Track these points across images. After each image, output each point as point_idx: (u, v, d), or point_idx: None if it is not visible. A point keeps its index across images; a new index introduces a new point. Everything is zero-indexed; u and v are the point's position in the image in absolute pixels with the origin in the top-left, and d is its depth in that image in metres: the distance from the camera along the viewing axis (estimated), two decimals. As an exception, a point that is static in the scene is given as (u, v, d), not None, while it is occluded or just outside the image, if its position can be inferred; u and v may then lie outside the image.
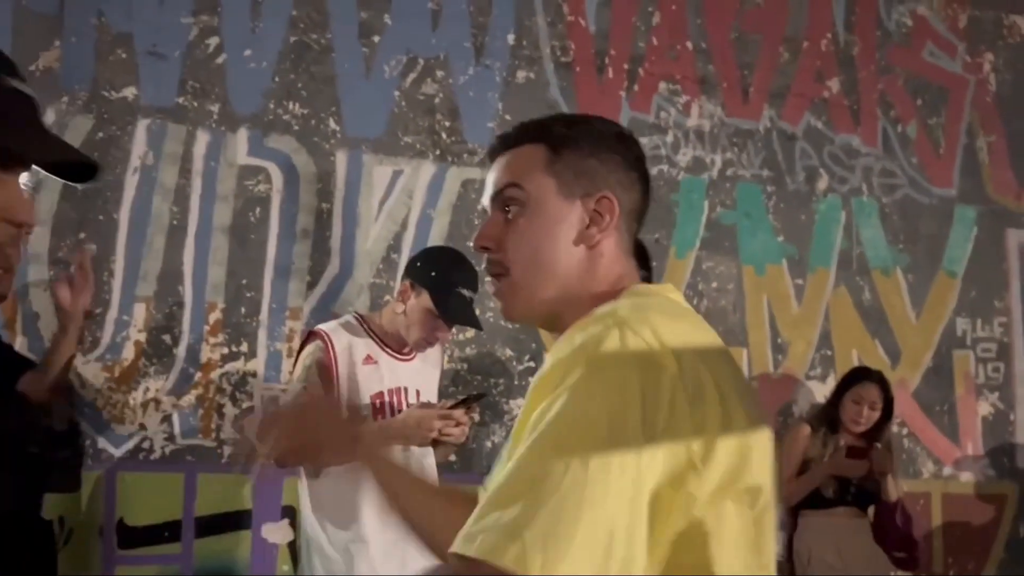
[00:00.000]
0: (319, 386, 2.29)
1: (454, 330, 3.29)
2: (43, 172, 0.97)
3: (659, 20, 3.71)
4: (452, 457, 3.30)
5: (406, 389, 2.44)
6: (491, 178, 1.04)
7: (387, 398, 2.40)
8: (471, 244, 1.24)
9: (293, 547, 3.08)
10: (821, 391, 3.66)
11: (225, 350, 3.15)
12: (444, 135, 3.43)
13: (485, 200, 1.06)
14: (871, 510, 3.40)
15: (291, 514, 3.09)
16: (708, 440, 0.82)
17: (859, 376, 3.40)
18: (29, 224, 0.94)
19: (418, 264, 2.42)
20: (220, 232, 3.19)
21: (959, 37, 4.05)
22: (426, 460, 2.42)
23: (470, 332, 3.31)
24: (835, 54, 3.89)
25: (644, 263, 2.04)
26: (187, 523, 3.04)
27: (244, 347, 3.17)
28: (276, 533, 3.10)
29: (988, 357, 3.89)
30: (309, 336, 2.43)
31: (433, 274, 2.36)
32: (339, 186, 3.31)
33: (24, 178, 0.93)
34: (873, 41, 3.94)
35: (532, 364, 3.39)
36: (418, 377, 2.49)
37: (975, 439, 3.83)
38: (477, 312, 2.46)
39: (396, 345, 2.44)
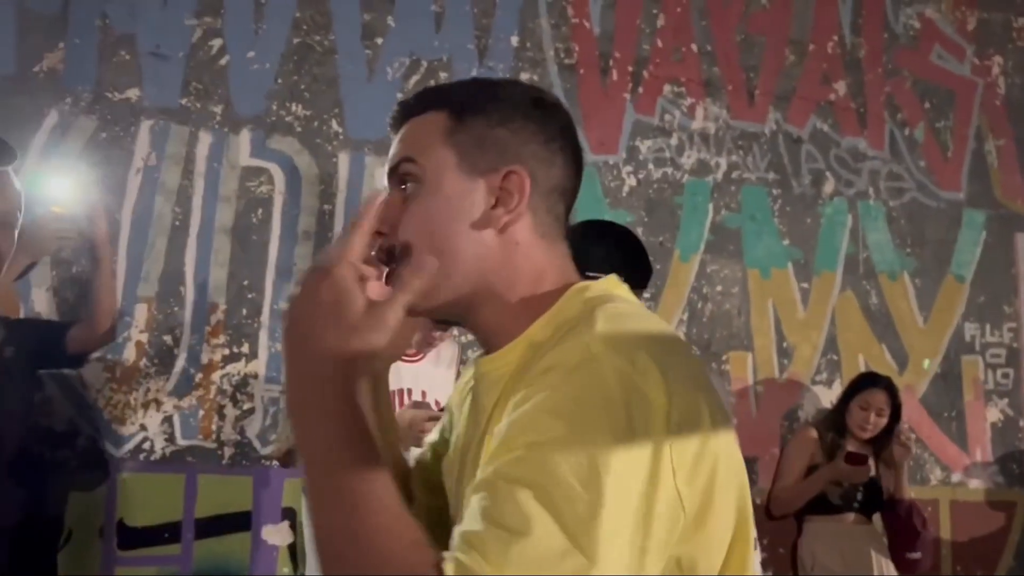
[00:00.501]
0: None
1: (455, 331, 3.29)
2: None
3: (663, 22, 3.69)
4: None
5: (410, 391, 2.38)
6: (391, 152, 0.92)
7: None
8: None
9: (293, 549, 3.07)
10: (827, 396, 3.62)
11: (226, 351, 3.14)
12: (447, 137, 3.42)
13: (384, 178, 0.93)
14: (876, 518, 3.36)
15: (291, 516, 3.07)
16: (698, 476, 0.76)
17: (867, 382, 3.37)
18: None
19: None
20: (222, 233, 3.19)
21: (967, 40, 4.02)
22: None
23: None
24: (841, 57, 3.87)
25: (641, 262, 1.97)
26: (187, 524, 3.03)
27: (245, 348, 3.16)
28: (276, 535, 3.08)
29: (997, 363, 3.84)
30: None
31: None
32: (341, 188, 3.31)
33: None
34: (880, 43, 3.91)
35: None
36: (424, 379, 2.41)
37: (984, 446, 3.79)
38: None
39: None
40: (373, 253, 0.87)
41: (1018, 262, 3.94)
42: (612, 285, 0.90)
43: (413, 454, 2.29)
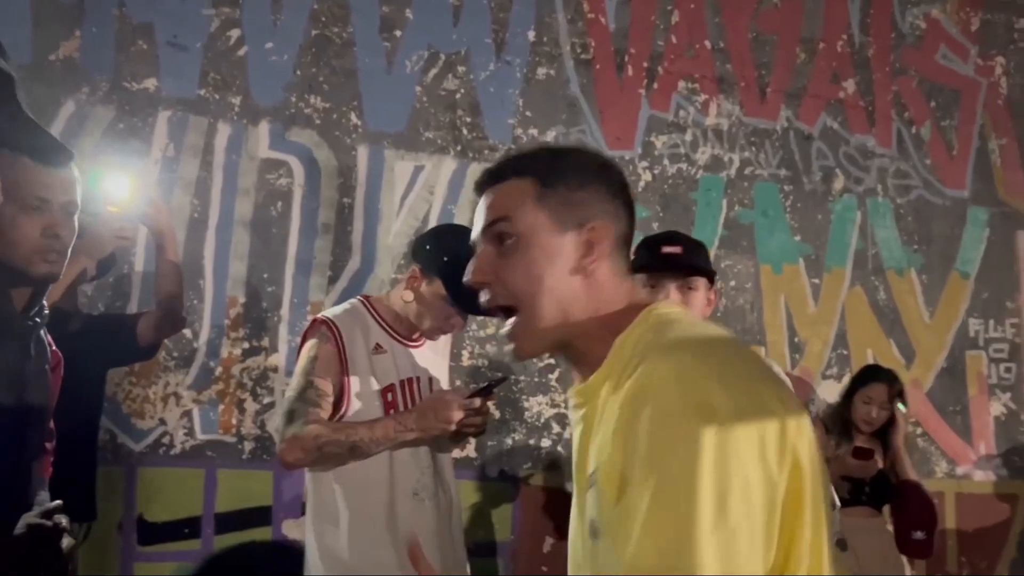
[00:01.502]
0: (326, 379, 2.09)
1: (475, 326, 3.28)
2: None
3: (678, 19, 3.71)
4: (473, 454, 3.29)
5: (419, 379, 2.23)
6: (480, 211, 1.06)
7: (399, 389, 2.19)
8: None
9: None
10: (837, 390, 3.66)
11: (246, 345, 3.12)
12: (465, 131, 3.42)
13: (475, 234, 1.07)
14: (886, 510, 3.40)
15: (312, 511, 3.05)
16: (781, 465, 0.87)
17: (869, 376, 3.40)
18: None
19: (427, 248, 2.19)
20: (241, 226, 3.16)
21: (971, 40, 4.08)
22: (441, 452, 2.23)
23: (490, 328, 3.29)
24: (851, 55, 3.91)
25: None
26: (207, 519, 3.00)
27: (265, 342, 3.14)
28: (296, 529, 3.06)
29: (1000, 358, 3.91)
30: (313, 324, 2.17)
31: (445, 259, 2.10)
32: (360, 181, 3.29)
33: None
34: (888, 43, 3.96)
35: (552, 362, 3.37)
36: (431, 366, 2.28)
37: (988, 439, 3.85)
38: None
39: (406, 332, 2.22)
40: (486, 307, 1.06)
41: (1020, 259, 4.01)
42: (669, 305, 1.05)
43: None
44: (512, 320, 1.03)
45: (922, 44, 4.02)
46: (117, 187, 2.27)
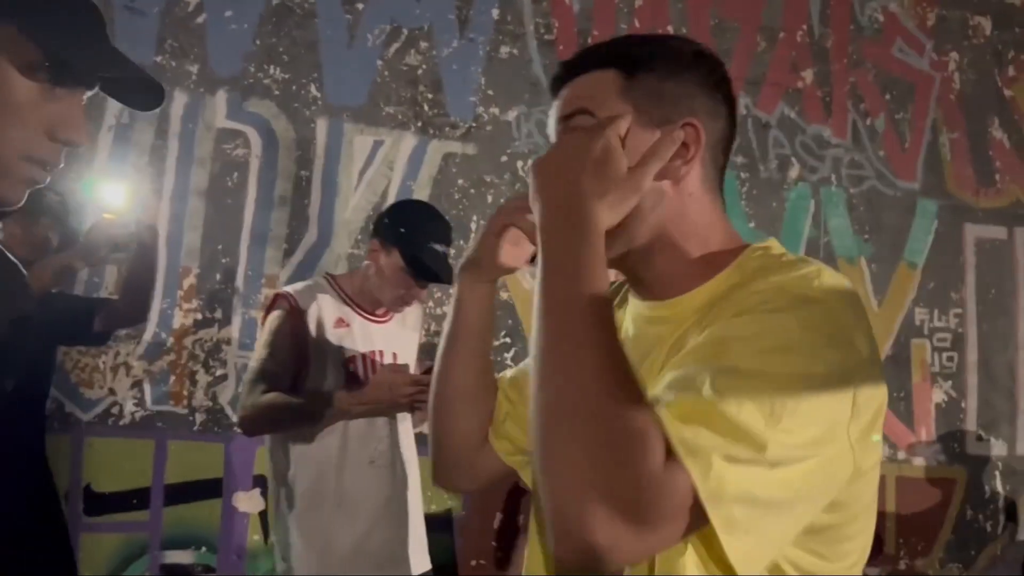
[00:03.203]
0: (286, 351, 2.18)
1: (432, 304, 3.29)
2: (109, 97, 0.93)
3: (641, 2, 3.73)
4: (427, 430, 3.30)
5: (381, 353, 2.31)
6: (557, 106, 0.94)
7: (360, 362, 2.26)
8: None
9: (264, 516, 3.05)
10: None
11: (199, 316, 3.09)
12: (426, 107, 3.41)
13: (550, 130, 0.96)
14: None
15: (262, 483, 3.05)
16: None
17: None
18: (80, 144, 0.89)
19: (386, 221, 2.27)
20: (196, 196, 3.12)
21: (927, 35, 4.16)
22: (402, 426, 2.30)
23: (447, 305, 3.30)
24: (810, 46, 3.97)
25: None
26: (156, 490, 2.98)
27: (219, 314, 3.11)
28: (247, 502, 3.06)
29: (943, 347, 4.02)
30: (275, 299, 2.25)
31: (402, 230, 2.21)
32: (319, 154, 3.27)
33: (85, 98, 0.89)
34: (846, 35, 4.02)
35: (507, 340, 3.40)
36: (395, 340, 2.35)
37: (928, 425, 3.97)
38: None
39: (369, 307, 2.30)
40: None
41: (966, 251, 4.11)
42: (777, 246, 0.94)
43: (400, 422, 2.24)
44: None
45: (880, 37, 4.08)
46: (113, 194, 2.26)
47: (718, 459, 0.69)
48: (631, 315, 0.98)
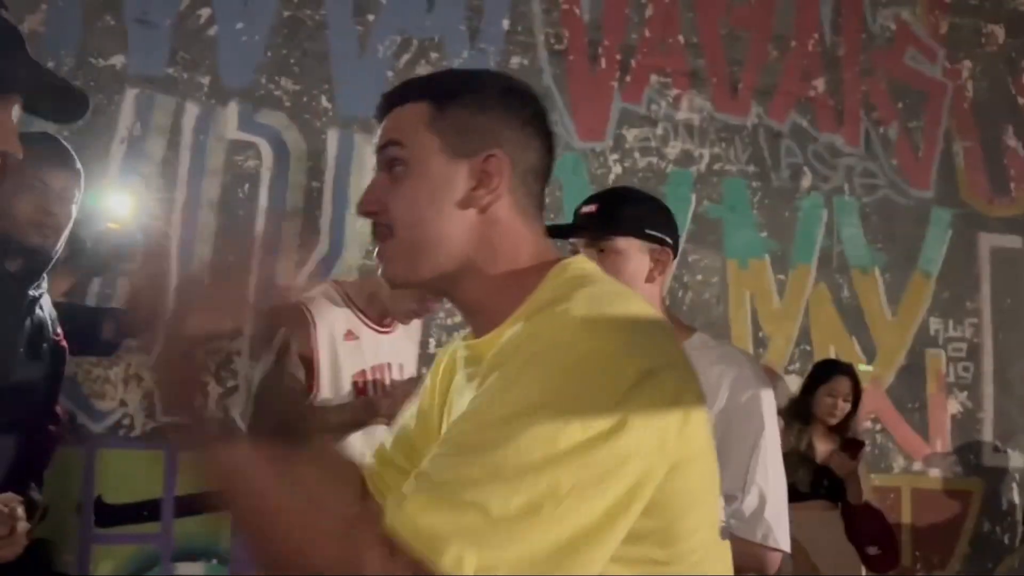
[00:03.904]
0: (300, 367, 2.20)
1: (443, 315, 3.28)
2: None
3: (652, 12, 3.72)
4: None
5: (389, 365, 2.31)
6: (377, 136, 0.99)
7: (370, 376, 2.26)
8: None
9: (275, 529, 3.04)
10: (799, 386, 3.71)
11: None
12: (437, 118, 3.41)
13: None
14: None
15: (273, 495, 3.04)
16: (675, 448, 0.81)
17: (831, 370, 3.45)
18: (11, 153, 0.92)
19: None
20: (208, 207, 3.13)
21: (939, 43, 4.14)
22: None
23: (459, 316, 3.29)
24: (821, 55, 3.95)
25: None
26: (167, 502, 2.98)
27: (229, 325, 3.11)
28: (258, 514, 3.04)
29: (959, 357, 3.98)
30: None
31: None
32: (330, 165, 3.28)
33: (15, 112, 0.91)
34: (858, 43, 4.00)
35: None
36: (400, 352, 2.36)
37: (944, 436, 3.93)
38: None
39: (376, 317, 2.29)
40: (372, 239, 0.97)
41: (980, 260, 4.08)
42: (583, 262, 0.96)
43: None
44: (386, 242, 0.94)
45: (891, 45, 4.07)
46: (118, 204, 2.26)
47: (459, 543, 0.72)
48: (459, 356, 1.00)
